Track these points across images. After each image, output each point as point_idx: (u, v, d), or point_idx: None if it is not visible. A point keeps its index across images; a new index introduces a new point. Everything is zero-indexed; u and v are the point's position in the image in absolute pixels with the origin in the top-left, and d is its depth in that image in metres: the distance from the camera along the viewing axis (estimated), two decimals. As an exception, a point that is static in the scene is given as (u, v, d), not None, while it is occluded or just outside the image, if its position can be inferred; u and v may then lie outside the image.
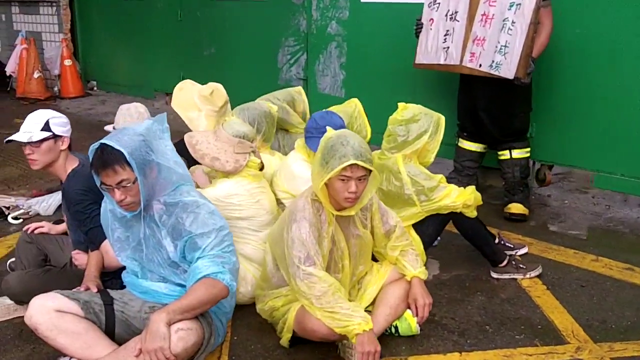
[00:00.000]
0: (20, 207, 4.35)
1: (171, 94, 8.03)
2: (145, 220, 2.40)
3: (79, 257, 2.92)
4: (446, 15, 4.07)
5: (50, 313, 2.32)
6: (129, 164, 2.23)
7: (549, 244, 3.75)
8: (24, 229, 3.17)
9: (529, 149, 4.18)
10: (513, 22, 3.66)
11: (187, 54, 7.28)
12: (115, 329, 2.46)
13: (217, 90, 3.75)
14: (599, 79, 4.14)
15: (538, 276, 3.32)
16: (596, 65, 4.13)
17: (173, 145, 3.67)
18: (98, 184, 2.34)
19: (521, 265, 3.32)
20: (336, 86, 5.74)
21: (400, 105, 3.27)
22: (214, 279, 2.25)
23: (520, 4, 3.63)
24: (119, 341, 2.41)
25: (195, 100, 3.71)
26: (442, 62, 4.12)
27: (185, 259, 2.37)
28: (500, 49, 3.72)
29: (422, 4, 4.28)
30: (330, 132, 2.57)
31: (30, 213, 4.33)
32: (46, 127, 2.76)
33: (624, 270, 3.41)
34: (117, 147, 2.21)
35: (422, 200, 3.14)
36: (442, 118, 3.27)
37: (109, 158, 2.23)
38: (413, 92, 4.98)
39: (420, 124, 3.19)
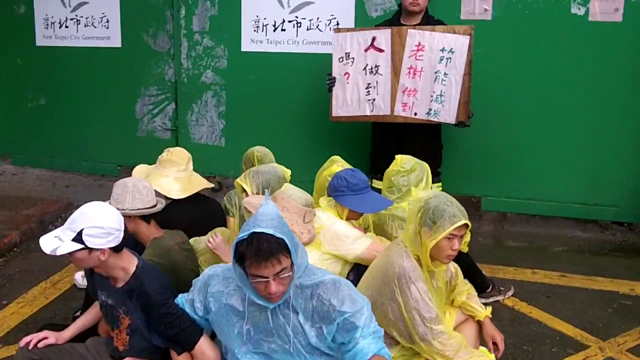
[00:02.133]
0: None
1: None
2: (279, 308, 2.17)
3: None
4: (364, 69, 4.34)
5: None
6: (288, 252, 2.01)
7: (490, 265, 4.30)
8: (21, 344, 2.46)
9: (441, 182, 4.70)
10: (445, 74, 4.13)
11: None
12: None
13: (174, 149, 3.54)
14: (480, 115, 4.87)
15: (512, 295, 3.81)
16: (479, 98, 4.80)
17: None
18: (240, 277, 2.06)
19: (501, 288, 3.77)
20: (215, 135, 5.54)
21: (398, 157, 3.44)
22: (380, 355, 2.16)
23: (450, 58, 4.12)
24: None
25: (156, 170, 3.42)
26: (368, 113, 4.38)
27: (333, 341, 2.20)
28: (437, 98, 4.15)
29: (304, 53, 4.86)
30: (419, 192, 2.65)
31: None
32: (78, 237, 2.20)
33: (560, 278, 4.11)
34: (278, 235, 1.98)
35: (434, 243, 3.36)
36: (428, 166, 3.54)
37: (273, 247, 1.97)
38: (305, 140, 5.16)
39: (417, 173, 3.40)
